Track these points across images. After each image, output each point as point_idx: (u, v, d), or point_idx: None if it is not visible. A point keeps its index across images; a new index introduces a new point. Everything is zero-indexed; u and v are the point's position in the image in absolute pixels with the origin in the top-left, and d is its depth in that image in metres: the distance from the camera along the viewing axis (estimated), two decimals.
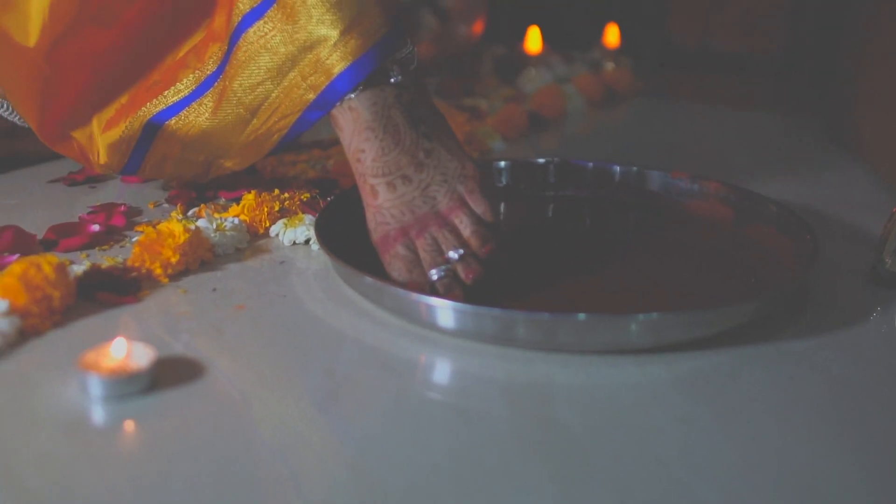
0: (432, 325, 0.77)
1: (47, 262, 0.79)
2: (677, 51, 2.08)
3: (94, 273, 0.83)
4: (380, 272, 0.80)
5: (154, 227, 0.92)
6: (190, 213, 1.04)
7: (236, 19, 0.86)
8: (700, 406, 0.69)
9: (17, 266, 0.78)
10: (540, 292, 0.84)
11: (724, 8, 2.01)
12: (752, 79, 1.94)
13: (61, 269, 0.80)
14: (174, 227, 0.89)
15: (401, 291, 0.76)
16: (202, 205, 1.05)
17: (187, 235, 0.88)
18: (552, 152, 1.34)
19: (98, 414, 0.66)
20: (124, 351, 0.69)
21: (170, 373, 0.70)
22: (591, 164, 1.09)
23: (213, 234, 0.93)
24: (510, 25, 2.00)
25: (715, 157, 1.37)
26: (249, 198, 0.99)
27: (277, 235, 0.97)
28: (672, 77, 1.95)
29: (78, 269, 0.85)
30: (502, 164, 1.11)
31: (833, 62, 1.68)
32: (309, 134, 1.38)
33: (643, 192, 1.07)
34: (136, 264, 0.87)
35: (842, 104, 1.51)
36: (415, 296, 0.76)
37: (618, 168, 1.08)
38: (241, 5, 0.86)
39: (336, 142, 1.34)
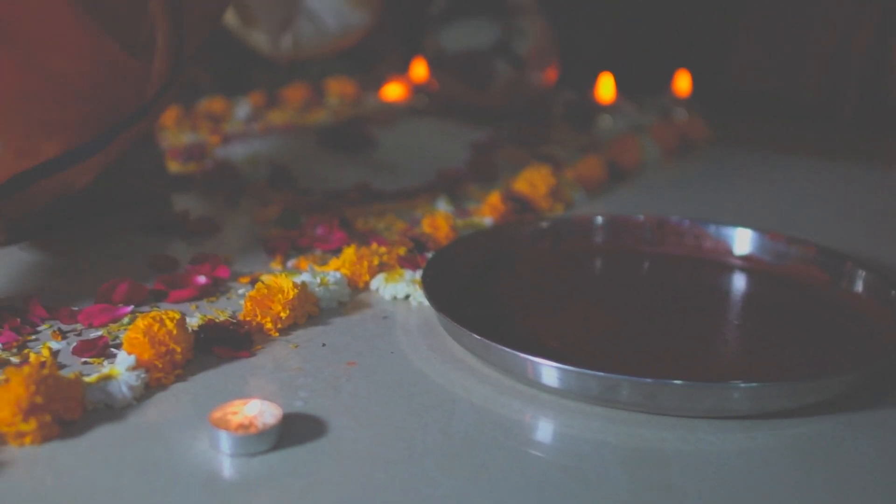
0: (537, 384, 0.79)
1: (169, 317, 0.82)
2: (743, 96, 2.10)
3: (210, 327, 0.87)
4: (484, 328, 0.82)
5: (259, 280, 0.95)
6: (289, 264, 1.07)
7: None
8: (809, 474, 0.70)
9: (142, 321, 0.81)
10: (641, 351, 0.86)
11: (795, 52, 2.02)
12: (828, 125, 1.95)
13: (182, 324, 0.83)
14: (283, 282, 0.92)
15: (507, 349, 0.79)
16: (301, 257, 1.08)
17: (296, 291, 0.91)
18: (633, 205, 1.36)
19: (230, 471, 0.69)
20: (253, 409, 0.72)
21: (294, 430, 0.73)
22: (687, 223, 1.11)
23: (317, 288, 0.95)
24: (582, 72, 2.03)
25: (799, 212, 1.38)
26: (350, 252, 1.02)
27: (378, 290, 1.00)
28: (742, 124, 1.96)
29: (191, 321, 0.89)
30: (599, 220, 1.13)
31: None
32: (393, 181, 1.41)
33: (739, 252, 1.08)
34: (248, 318, 0.90)
35: None
36: (521, 354, 0.78)
37: (713, 227, 1.10)
38: None
39: (420, 190, 1.37)
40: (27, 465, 0.68)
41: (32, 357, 0.80)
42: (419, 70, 2.09)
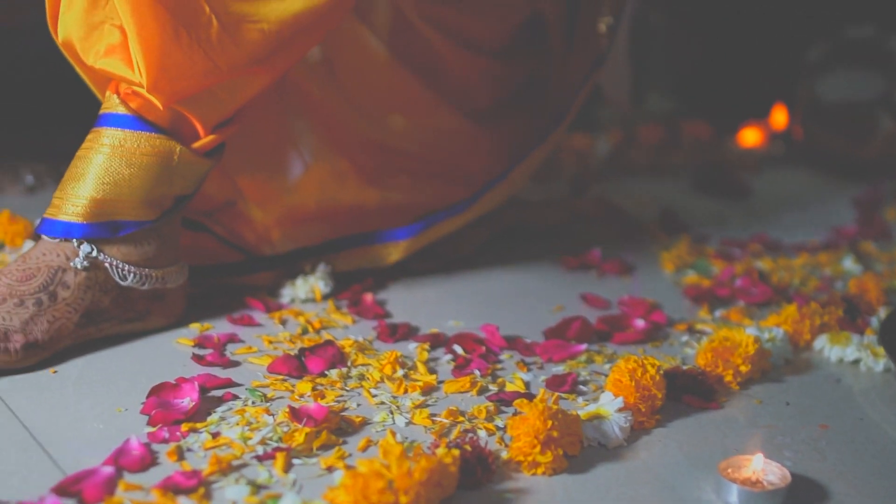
0: None
1: (650, 363, 0.85)
2: None
3: (678, 375, 0.89)
4: None
5: (696, 329, 0.97)
6: (717, 314, 1.08)
7: None
8: None
9: (625, 364, 0.84)
10: None
11: None
12: None
13: (659, 370, 0.85)
14: (741, 336, 0.93)
15: None
16: (731, 309, 1.09)
17: (756, 346, 0.92)
18: None
19: None
20: (758, 464, 0.73)
21: (793, 491, 0.73)
22: None
23: (765, 344, 0.96)
24: None
25: None
26: (791, 310, 1.02)
27: (821, 350, 0.99)
28: None
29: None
30: None
31: None
32: (780, 233, 1.39)
33: None
34: (709, 369, 0.91)
35: None
36: None
37: None
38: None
39: (820, 247, 1.35)
40: (548, 496, 0.72)
41: (541, 393, 0.85)
42: (780, 116, 2.06)
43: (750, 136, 2.06)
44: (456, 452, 0.71)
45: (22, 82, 1.54)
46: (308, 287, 1.05)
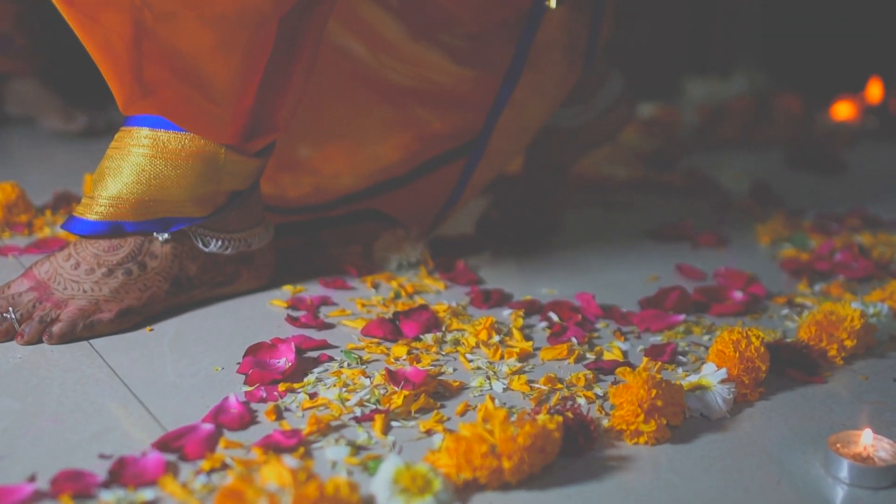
0: None
1: (755, 335, 0.82)
2: None
3: (782, 348, 0.86)
4: None
5: (796, 303, 0.95)
6: (816, 288, 1.05)
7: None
8: None
9: (728, 335, 0.82)
10: None
11: None
12: None
13: (763, 342, 0.83)
14: (845, 310, 0.90)
15: None
16: (831, 283, 1.06)
17: (862, 321, 0.89)
18: None
19: (847, 501, 0.68)
20: (867, 439, 0.71)
21: None
22: None
23: (871, 319, 0.93)
24: None
25: None
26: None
27: None
28: None
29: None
30: None
31: None
32: (877, 209, 1.35)
33: None
34: (813, 343, 0.89)
35: None
36: None
37: None
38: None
39: None
40: (651, 465, 0.71)
41: (644, 361, 0.83)
42: (875, 90, 2.00)
43: (843, 110, 2.01)
44: (559, 419, 0.69)
45: None
46: (418, 252, 1.04)
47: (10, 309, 0.85)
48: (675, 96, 2.09)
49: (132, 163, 0.87)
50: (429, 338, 0.88)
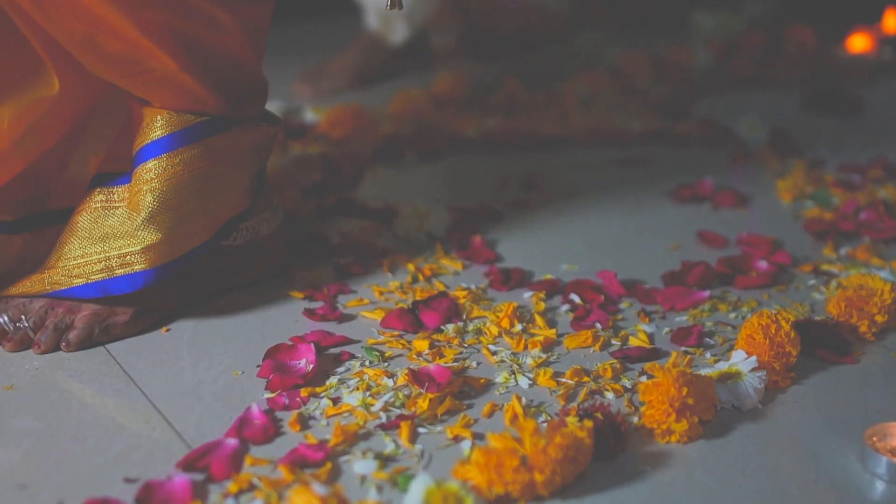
0: None
1: (783, 318, 0.81)
2: None
3: (812, 327, 0.84)
4: None
5: (822, 271, 0.93)
6: (842, 252, 1.03)
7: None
8: None
9: (757, 320, 0.80)
10: None
11: None
12: None
13: (793, 326, 0.81)
14: (875, 283, 0.88)
15: None
16: (858, 245, 1.04)
17: (893, 294, 0.87)
18: None
19: (884, 498, 0.67)
20: None
21: None
22: None
23: None
24: None
25: None
26: None
27: None
28: None
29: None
30: None
31: None
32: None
33: None
34: (843, 319, 0.87)
35: None
36: None
37: None
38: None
39: None
40: (684, 466, 0.70)
41: (673, 356, 0.82)
42: (892, 20, 1.95)
43: (858, 43, 1.96)
44: (589, 424, 0.68)
45: None
46: (440, 218, 1.06)
47: (23, 317, 0.83)
48: (685, 29, 2.04)
49: (191, 187, 0.86)
50: (450, 328, 0.86)
